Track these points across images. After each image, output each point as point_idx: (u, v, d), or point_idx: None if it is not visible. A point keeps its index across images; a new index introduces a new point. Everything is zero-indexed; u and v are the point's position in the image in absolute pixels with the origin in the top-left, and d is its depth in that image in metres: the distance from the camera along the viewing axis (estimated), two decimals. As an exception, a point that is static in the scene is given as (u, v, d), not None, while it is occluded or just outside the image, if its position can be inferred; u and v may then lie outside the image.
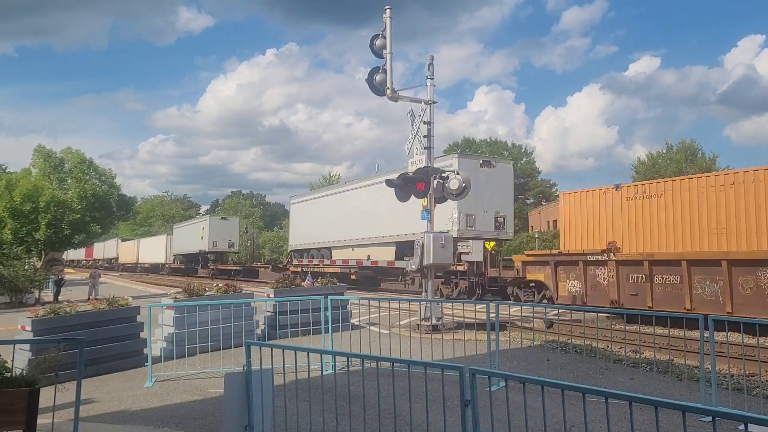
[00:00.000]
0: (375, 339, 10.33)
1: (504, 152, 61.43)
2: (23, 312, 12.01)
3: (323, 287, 13.94)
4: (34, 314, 9.33)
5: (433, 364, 4.26)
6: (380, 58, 14.52)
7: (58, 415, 5.79)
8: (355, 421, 5.63)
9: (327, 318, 9.75)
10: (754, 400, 7.61)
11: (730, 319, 9.11)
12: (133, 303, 10.90)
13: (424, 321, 13.33)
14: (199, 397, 7.97)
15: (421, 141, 14.63)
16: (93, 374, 9.07)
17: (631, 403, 3.09)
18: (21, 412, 4.72)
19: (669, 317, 9.99)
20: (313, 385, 6.11)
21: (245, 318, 11.23)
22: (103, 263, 73.54)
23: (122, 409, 7.44)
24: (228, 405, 5.18)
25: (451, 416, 4.16)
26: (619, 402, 3.21)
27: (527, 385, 3.56)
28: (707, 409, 3.14)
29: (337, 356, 5.57)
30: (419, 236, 14.38)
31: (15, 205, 24.41)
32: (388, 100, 14.61)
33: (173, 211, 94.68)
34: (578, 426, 5.96)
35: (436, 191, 14.39)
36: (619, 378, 8.90)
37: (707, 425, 6.10)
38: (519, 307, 15.59)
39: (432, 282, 14.47)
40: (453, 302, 15.46)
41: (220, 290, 12.39)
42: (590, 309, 14.79)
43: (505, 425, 4.34)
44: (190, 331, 10.47)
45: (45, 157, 28.73)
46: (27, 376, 5.02)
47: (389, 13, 14.45)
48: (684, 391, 7.88)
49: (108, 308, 9.93)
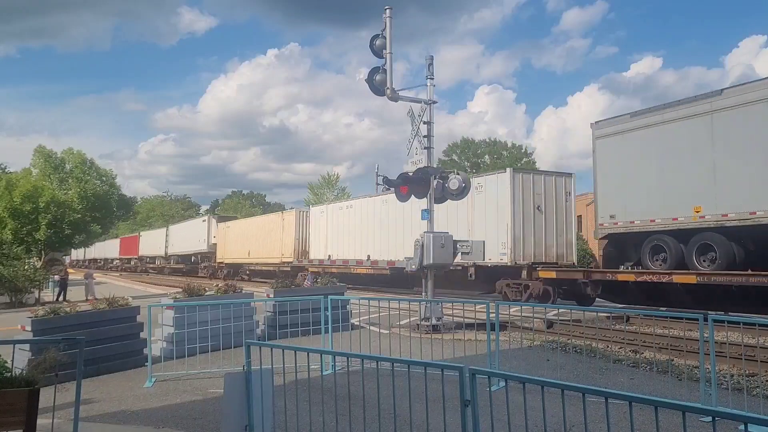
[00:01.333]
0: (375, 339, 10.33)
1: (504, 152, 61.35)
2: (23, 312, 12.02)
3: (323, 287, 13.96)
4: (34, 314, 9.33)
5: (433, 364, 4.26)
6: (380, 58, 14.53)
7: (58, 415, 5.79)
8: (355, 421, 5.63)
9: (327, 318, 9.75)
10: (754, 400, 7.60)
11: (730, 319, 9.10)
12: (133, 303, 10.91)
13: (424, 321, 13.34)
14: (199, 397, 7.97)
15: (421, 141, 14.64)
16: (93, 374, 9.06)
17: (631, 403, 3.09)
18: (21, 412, 4.72)
19: (669, 317, 9.99)
20: (313, 385, 6.11)
21: (245, 318, 11.24)
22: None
23: (122, 409, 7.44)
24: (228, 405, 5.18)
25: (451, 416, 4.16)
26: (619, 402, 3.20)
27: (527, 385, 3.56)
28: (707, 409, 3.14)
29: (337, 356, 5.57)
30: (419, 236, 14.38)
31: (15, 206, 24.39)
32: (388, 101, 14.62)
33: (173, 211, 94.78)
34: (578, 426, 5.95)
35: (436, 191, 14.41)
36: (619, 378, 8.90)
37: (707, 425, 6.10)
38: (519, 307, 15.59)
39: (432, 282, 14.48)
40: (453, 302, 15.46)
41: (220, 290, 12.41)
42: (590, 309, 14.80)
43: (505, 425, 4.34)
44: (190, 331, 10.47)
45: (45, 158, 28.70)
46: (27, 376, 5.01)
47: (389, 13, 14.45)
48: (684, 391, 7.87)
49: (108, 308, 9.93)
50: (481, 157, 61.39)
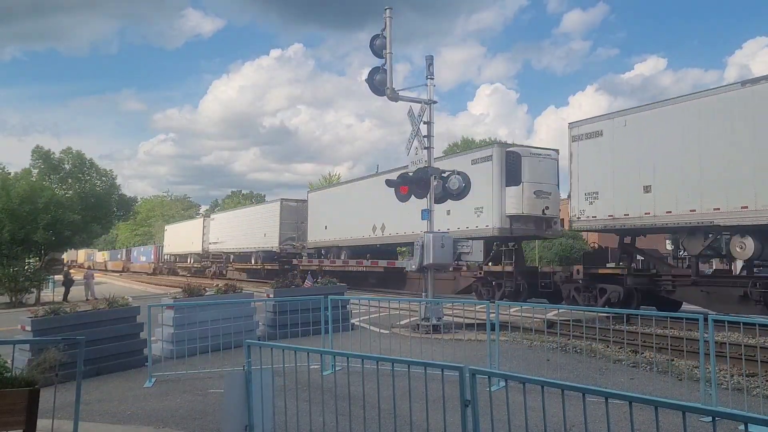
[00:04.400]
0: (375, 339, 10.34)
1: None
2: (23, 312, 12.03)
3: (323, 287, 13.96)
4: (34, 314, 9.33)
5: (433, 364, 4.26)
6: (380, 58, 14.53)
7: (58, 415, 5.79)
8: (355, 421, 5.63)
9: (327, 318, 9.75)
10: (754, 400, 7.61)
11: (730, 319, 9.10)
12: (133, 303, 10.92)
13: (424, 321, 13.34)
14: (199, 397, 7.97)
15: (421, 141, 14.63)
16: (93, 374, 9.07)
17: (631, 403, 3.09)
18: (21, 412, 4.73)
19: (669, 317, 9.98)
20: (313, 385, 6.11)
21: (245, 318, 11.24)
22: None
23: (122, 409, 7.44)
24: (228, 405, 5.19)
25: (451, 416, 4.16)
26: (619, 402, 3.21)
27: (527, 385, 3.56)
28: (707, 409, 3.14)
29: (337, 356, 5.56)
30: (419, 236, 14.39)
31: (13, 207, 24.31)
32: (389, 102, 14.63)
33: (173, 211, 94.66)
34: (578, 426, 5.96)
35: (435, 191, 14.41)
36: (619, 378, 8.90)
37: (707, 425, 6.10)
38: (519, 307, 15.59)
39: (432, 282, 14.48)
40: (453, 302, 15.46)
41: (220, 290, 12.42)
42: (590, 309, 14.79)
43: (505, 425, 4.34)
44: (190, 330, 10.47)
45: (44, 158, 28.60)
46: (27, 376, 5.02)
47: (389, 13, 14.45)
48: (684, 391, 7.87)
49: (108, 308, 9.93)
50: (481, 157, 61.46)
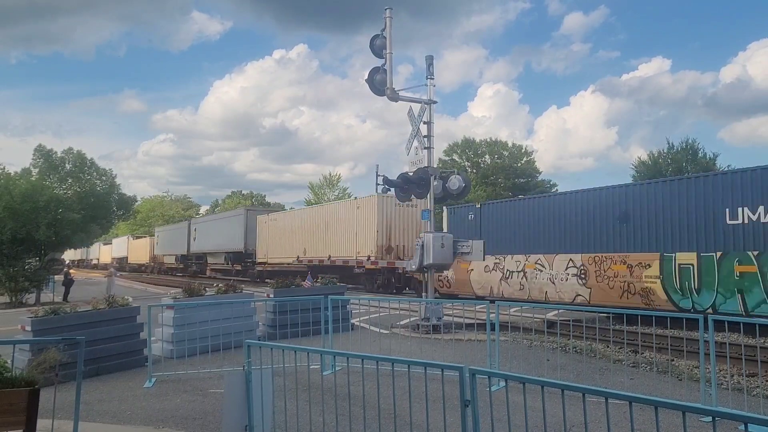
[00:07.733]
0: (375, 339, 10.34)
1: (504, 152, 61.23)
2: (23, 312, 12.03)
3: (323, 287, 13.96)
4: (34, 314, 9.33)
5: (433, 364, 4.26)
6: (380, 58, 14.54)
7: (58, 415, 5.80)
8: (355, 421, 5.63)
9: (327, 318, 9.75)
10: (754, 400, 7.61)
11: (730, 319, 9.10)
12: (133, 303, 10.92)
13: (424, 321, 13.34)
14: (199, 397, 7.97)
15: (420, 141, 14.64)
16: (93, 374, 9.07)
17: (631, 403, 3.09)
18: (21, 412, 4.72)
19: (669, 317, 9.99)
20: (313, 385, 6.12)
21: (245, 318, 11.24)
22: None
23: (122, 409, 7.44)
24: (228, 405, 5.18)
25: (451, 416, 4.16)
26: (619, 402, 3.21)
27: (527, 385, 3.56)
28: (707, 409, 3.14)
29: (337, 356, 5.56)
30: (420, 236, 14.39)
31: (14, 205, 24.32)
32: (390, 103, 14.64)
33: (173, 211, 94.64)
34: (578, 426, 5.96)
35: (435, 191, 14.41)
36: (619, 378, 8.90)
37: (707, 425, 6.11)
38: (519, 307, 15.59)
39: (432, 282, 14.48)
40: (453, 302, 15.46)
41: (220, 290, 12.41)
42: (590, 309, 14.79)
43: (505, 425, 4.34)
44: (190, 331, 10.48)
45: (45, 156, 28.62)
46: (27, 376, 5.01)
47: (389, 13, 14.46)
48: (684, 391, 7.88)
49: (108, 308, 9.94)
50: (482, 157, 61.31)
